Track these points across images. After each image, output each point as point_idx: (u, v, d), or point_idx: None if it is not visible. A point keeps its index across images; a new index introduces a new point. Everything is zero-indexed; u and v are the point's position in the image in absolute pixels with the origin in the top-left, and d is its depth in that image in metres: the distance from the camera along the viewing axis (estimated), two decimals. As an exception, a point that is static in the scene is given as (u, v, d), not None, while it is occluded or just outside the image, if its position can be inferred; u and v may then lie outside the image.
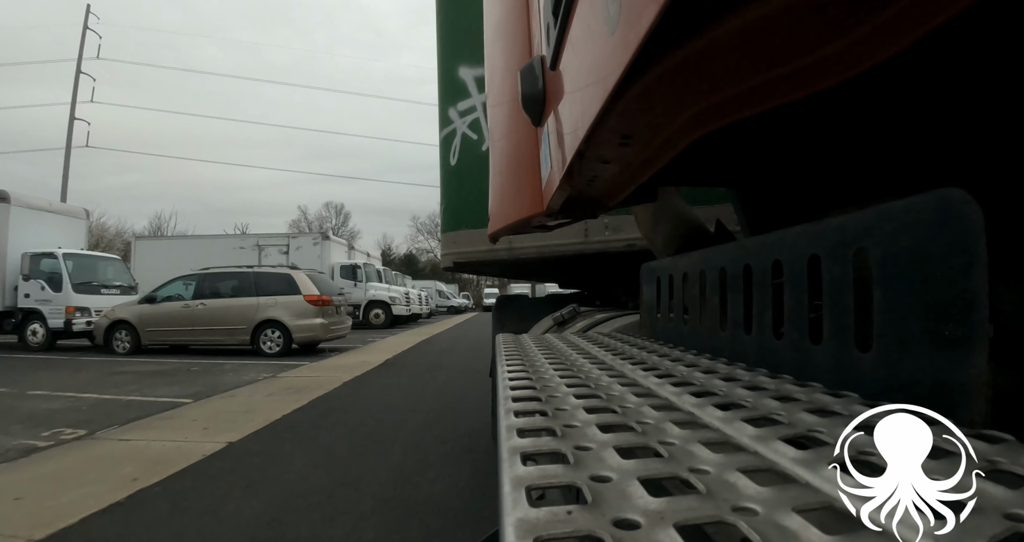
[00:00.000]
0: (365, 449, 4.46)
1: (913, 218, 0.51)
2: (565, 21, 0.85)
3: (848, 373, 0.60)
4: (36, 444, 4.64)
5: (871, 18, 0.47)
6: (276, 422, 5.39)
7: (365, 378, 8.19)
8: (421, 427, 5.15)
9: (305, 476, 3.83)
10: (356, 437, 4.85)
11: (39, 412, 5.85)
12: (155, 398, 6.67)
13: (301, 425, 5.31)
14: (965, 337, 0.46)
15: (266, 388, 7.31)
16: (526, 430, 0.51)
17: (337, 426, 5.26)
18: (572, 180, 1.06)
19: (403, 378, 8.20)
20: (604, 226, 2.99)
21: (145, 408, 6.09)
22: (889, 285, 0.54)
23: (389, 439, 4.73)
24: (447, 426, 5.19)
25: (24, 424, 5.33)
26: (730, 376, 0.73)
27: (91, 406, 6.19)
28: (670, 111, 0.71)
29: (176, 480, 3.78)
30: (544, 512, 0.32)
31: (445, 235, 4.14)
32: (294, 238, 19.14)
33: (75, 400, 6.52)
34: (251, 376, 8.27)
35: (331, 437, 4.85)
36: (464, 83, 3.85)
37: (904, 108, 0.83)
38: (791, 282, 0.71)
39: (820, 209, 1.02)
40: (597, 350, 1.11)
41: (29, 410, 5.93)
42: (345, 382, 7.72)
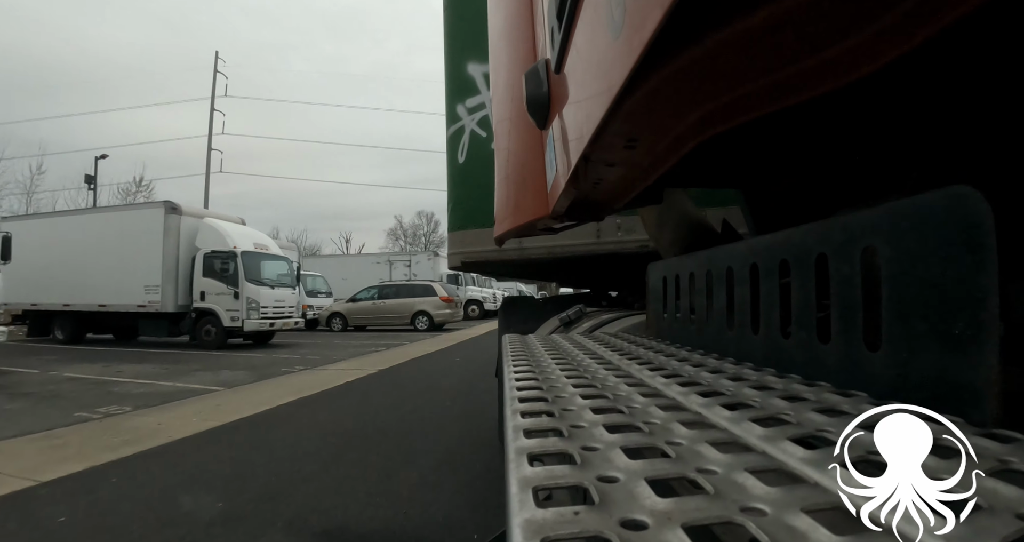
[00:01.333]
0: (472, 356, 10.69)
1: (922, 216, 0.51)
2: (569, 25, 0.85)
3: (857, 372, 0.60)
4: (290, 370, 9.32)
5: (877, 20, 0.47)
6: (431, 353, 11.85)
7: (477, 339, 14.76)
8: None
9: (434, 372, 9.08)
10: (470, 353, 11.43)
11: (292, 360, 10.82)
12: (358, 348, 12.83)
13: (446, 352, 12.10)
14: (975, 335, 0.45)
15: (429, 342, 14.19)
16: (533, 431, 0.51)
17: (463, 351, 12.03)
18: (578, 183, 1.06)
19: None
20: (617, 227, 2.97)
21: (352, 352, 11.94)
22: (897, 283, 0.54)
23: (482, 355, 9.70)
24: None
25: (283, 365, 9.98)
26: (737, 376, 0.73)
27: (320, 355, 11.40)
28: (675, 114, 0.71)
29: (363, 382, 8.23)
30: (551, 513, 0.32)
31: (452, 234, 4.10)
32: (414, 255, 29.42)
33: (315, 350, 12.55)
34: (414, 338, 15.32)
35: (459, 354, 11.45)
36: (473, 79, 3.80)
37: (912, 106, 0.83)
38: (798, 281, 0.71)
39: (827, 208, 1.02)
40: (603, 350, 1.11)
41: (284, 360, 10.87)
42: (468, 338, 15.25)
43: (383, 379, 8.41)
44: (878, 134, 0.94)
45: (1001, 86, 0.68)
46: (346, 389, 7.54)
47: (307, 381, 8.13)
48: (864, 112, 0.88)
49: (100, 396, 6.93)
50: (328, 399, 6.84)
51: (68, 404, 6.44)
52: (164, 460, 4.33)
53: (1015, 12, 0.52)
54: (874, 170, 0.99)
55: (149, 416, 5.86)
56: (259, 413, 5.99)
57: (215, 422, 5.53)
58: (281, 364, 10.01)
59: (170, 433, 5.06)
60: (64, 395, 7.01)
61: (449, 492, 3.49)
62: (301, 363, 10.12)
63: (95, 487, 3.70)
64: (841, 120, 0.95)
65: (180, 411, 6.10)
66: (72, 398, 6.81)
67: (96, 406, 6.28)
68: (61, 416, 5.78)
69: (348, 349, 12.51)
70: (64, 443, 4.78)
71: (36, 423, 5.45)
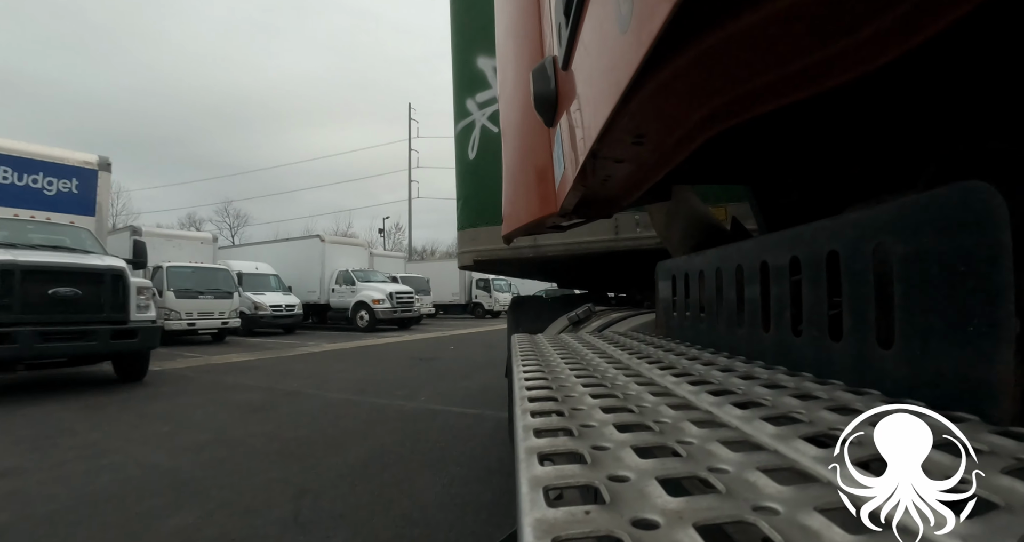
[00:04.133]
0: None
1: (935, 212, 0.50)
2: (577, 21, 0.85)
3: (870, 370, 0.59)
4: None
5: (888, 12, 0.46)
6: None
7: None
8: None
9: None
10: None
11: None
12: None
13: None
14: (990, 332, 0.45)
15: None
16: (543, 430, 0.51)
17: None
18: (586, 180, 1.05)
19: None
20: (635, 223, 2.91)
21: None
22: (911, 280, 0.53)
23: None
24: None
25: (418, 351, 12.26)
26: (748, 374, 0.73)
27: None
28: (683, 109, 0.70)
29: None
30: (562, 512, 0.32)
31: (463, 232, 4.02)
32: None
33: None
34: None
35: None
36: (483, 73, 3.72)
37: (924, 101, 0.82)
38: (809, 278, 0.70)
39: (839, 204, 1.01)
40: (613, 349, 1.11)
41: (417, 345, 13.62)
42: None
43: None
44: (889, 129, 0.93)
45: (1016, 79, 0.67)
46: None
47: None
48: (875, 106, 0.87)
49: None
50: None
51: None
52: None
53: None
54: (885, 166, 0.98)
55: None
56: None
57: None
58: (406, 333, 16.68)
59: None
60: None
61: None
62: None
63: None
64: (852, 115, 0.94)
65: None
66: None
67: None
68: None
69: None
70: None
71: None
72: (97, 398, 6.17)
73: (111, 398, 6.19)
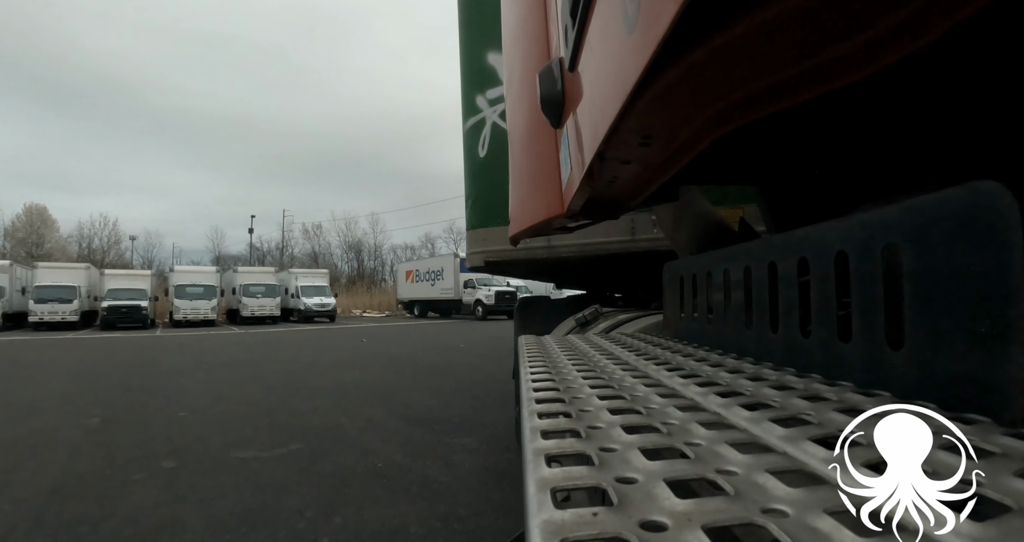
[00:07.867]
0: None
1: (945, 212, 0.50)
2: (583, 22, 0.85)
3: (880, 371, 0.58)
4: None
5: (893, 13, 0.46)
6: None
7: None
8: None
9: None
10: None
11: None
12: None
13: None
14: (1002, 333, 0.44)
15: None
16: (550, 432, 0.51)
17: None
18: (592, 181, 1.05)
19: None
20: (652, 224, 2.83)
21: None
22: (921, 281, 0.52)
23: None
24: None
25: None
26: (757, 376, 0.72)
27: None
28: (690, 110, 0.70)
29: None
30: (570, 514, 0.32)
31: (473, 232, 3.96)
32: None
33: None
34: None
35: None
36: (493, 69, 3.65)
37: (933, 100, 0.81)
38: (818, 279, 0.70)
39: (848, 205, 1.00)
40: (620, 351, 1.10)
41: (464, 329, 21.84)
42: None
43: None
44: (898, 129, 0.92)
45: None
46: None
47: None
48: (884, 107, 0.87)
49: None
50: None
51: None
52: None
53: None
54: (895, 166, 0.97)
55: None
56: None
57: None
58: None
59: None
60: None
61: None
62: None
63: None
64: (860, 115, 0.93)
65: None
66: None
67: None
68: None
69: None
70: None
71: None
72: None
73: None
